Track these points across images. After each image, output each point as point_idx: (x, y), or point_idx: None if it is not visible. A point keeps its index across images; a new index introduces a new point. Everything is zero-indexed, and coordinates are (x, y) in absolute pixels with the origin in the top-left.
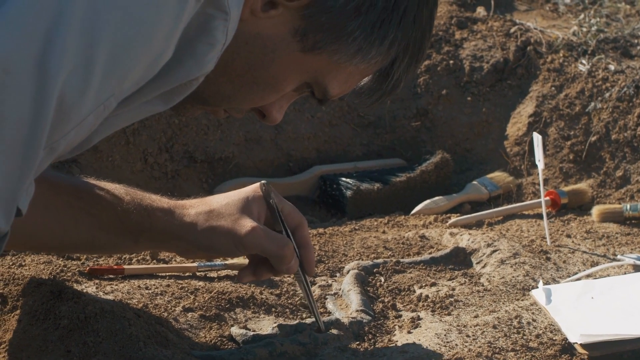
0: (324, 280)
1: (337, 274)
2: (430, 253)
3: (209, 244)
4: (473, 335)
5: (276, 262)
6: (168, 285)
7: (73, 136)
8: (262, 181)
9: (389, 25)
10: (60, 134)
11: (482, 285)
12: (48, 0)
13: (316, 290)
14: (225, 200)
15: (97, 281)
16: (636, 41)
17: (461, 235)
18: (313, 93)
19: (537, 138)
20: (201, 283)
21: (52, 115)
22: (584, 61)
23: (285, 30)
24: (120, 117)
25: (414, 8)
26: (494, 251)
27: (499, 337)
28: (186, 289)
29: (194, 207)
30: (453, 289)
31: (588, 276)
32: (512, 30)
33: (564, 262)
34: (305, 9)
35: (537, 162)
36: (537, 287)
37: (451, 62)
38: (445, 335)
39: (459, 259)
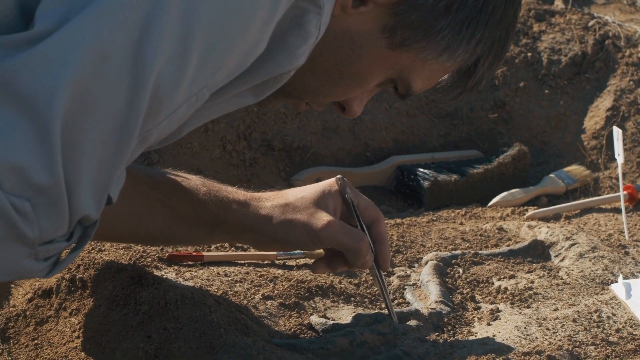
0: (403, 271)
1: (415, 265)
2: (508, 245)
3: (284, 237)
4: (553, 329)
5: (351, 256)
6: (247, 273)
7: (165, 126)
8: (338, 175)
9: (477, 24)
10: (153, 123)
11: (561, 279)
12: None
13: (394, 281)
14: (301, 193)
15: (176, 268)
16: None
17: (539, 228)
18: (396, 88)
19: (617, 132)
20: (280, 271)
21: (146, 104)
22: None
23: (373, 26)
24: (210, 109)
25: (500, 7)
26: (573, 244)
27: (579, 330)
28: (265, 277)
29: (270, 200)
30: (532, 282)
31: None
32: (590, 24)
33: None
34: (396, 7)
35: (616, 156)
36: (617, 282)
37: (529, 54)
38: (525, 327)
39: (538, 252)
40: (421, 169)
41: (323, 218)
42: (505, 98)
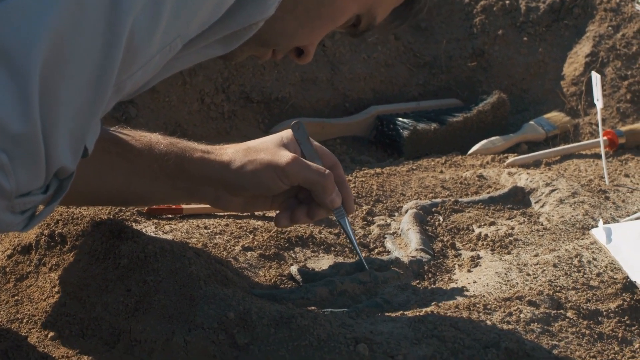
0: (383, 220)
1: (396, 214)
2: (488, 192)
3: (249, 178)
4: (533, 274)
5: (319, 192)
6: (227, 225)
7: (139, 76)
8: (294, 121)
9: None
10: (128, 73)
11: (542, 225)
12: None
13: (374, 230)
14: (261, 140)
15: (155, 221)
16: None
17: (519, 174)
18: (354, 26)
19: (595, 77)
20: (260, 222)
21: (122, 53)
22: None
23: None
24: (180, 60)
25: None
26: (553, 190)
27: (560, 275)
28: (245, 228)
29: (231, 147)
30: (512, 228)
31: None
32: None
33: (623, 201)
34: None
35: (595, 101)
36: (597, 226)
37: (507, 2)
38: (505, 274)
39: (518, 199)
40: (400, 119)
41: (287, 154)
42: (483, 46)
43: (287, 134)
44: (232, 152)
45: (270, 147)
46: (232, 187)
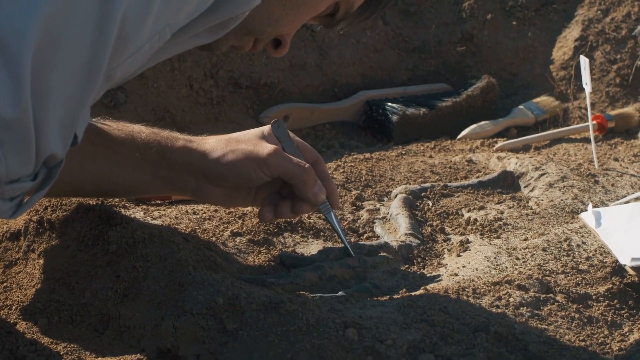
0: (372, 205)
1: (385, 198)
2: (477, 177)
3: (230, 167)
4: (523, 258)
5: (300, 185)
6: (216, 210)
7: (129, 64)
8: (274, 119)
9: None
10: (118, 61)
11: (531, 209)
12: None
13: (364, 215)
14: (242, 132)
15: (144, 207)
16: None
17: (509, 159)
18: (331, 15)
19: (584, 61)
20: (249, 208)
21: (113, 41)
22: None
23: None
24: (167, 50)
25: None
26: (542, 175)
27: (549, 259)
28: (234, 213)
29: (213, 138)
30: (502, 213)
31: (637, 199)
32: None
33: (613, 185)
34: None
35: (584, 85)
36: (587, 210)
37: None
38: (494, 258)
39: (507, 183)
40: (390, 104)
41: (268, 146)
42: (473, 31)
43: (268, 128)
44: (213, 142)
45: (251, 139)
46: (213, 177)
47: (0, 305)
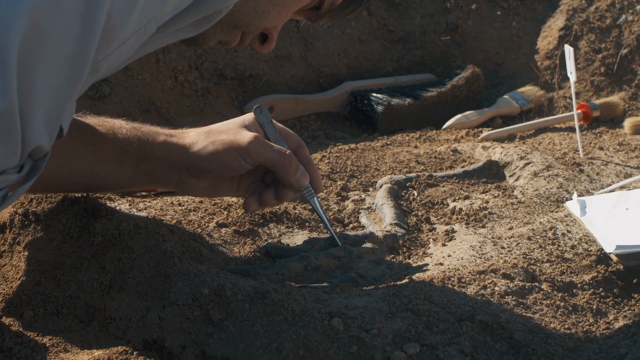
0: (357, 195)
1: (370, 189)
2: (463, 167)
3: (211, 159)
4: (508, 247)
5: (282, 172)
6: (201, 202)
7: (115, 58)
8: (256, 105)
9: None
10: (104, 54)
11: (516, 198)
12: None
13: (349, 205)
14: (222, 122)
15: (129, 199)
16: None
17: (494, 148)
18: (315, 8)
19: (568, 50)
20: (234, 199)
21: (99, 33)
22: None
23: None
24: (151, 43)
25: None
26: (527, 164)
27: (534, 248)
28: (219, 205)
29: (194, 131)
30: (487, 202)
31: (622, 188)
32: None
33: (597, 174)
34: None
35: (569, 75)
36: (572, 199)
37: None
38: (480, 247)
39: (492, 172)
40: (374, 94)
41: (249, 134)
42: (457, 21)
43: (249, 116)
44: (194, 135)
45: (232, 129)
46: (195, 170)
47: None
